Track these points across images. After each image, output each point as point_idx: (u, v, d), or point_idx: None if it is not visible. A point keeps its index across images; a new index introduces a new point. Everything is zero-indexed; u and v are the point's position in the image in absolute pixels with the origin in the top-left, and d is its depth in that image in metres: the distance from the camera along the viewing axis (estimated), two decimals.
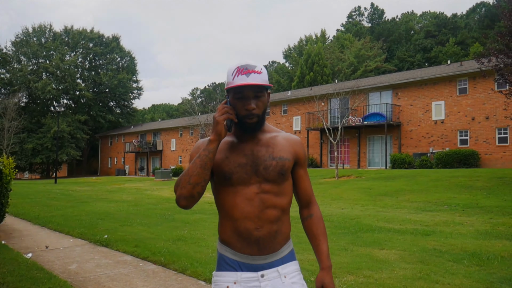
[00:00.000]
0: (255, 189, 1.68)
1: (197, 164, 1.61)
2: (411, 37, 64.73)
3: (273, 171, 1.69)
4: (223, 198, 1.71)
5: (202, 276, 4.91)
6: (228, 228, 1.71)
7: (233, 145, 1.74)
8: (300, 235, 4.40)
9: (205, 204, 14.08)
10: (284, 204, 1.72)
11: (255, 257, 1.69)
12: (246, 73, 1.64)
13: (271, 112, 33.53)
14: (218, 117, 1.64)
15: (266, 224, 1.67)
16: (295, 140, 1.84)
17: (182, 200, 1.61)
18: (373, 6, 72.89)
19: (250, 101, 1.65)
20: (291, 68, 66.04)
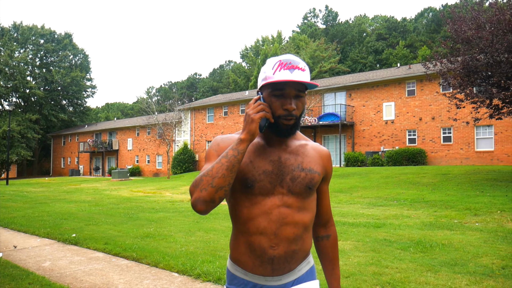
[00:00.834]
0: (276, 201, 1.50)
1: (224, 165, 1.39)
2: (363, 39, 66.90)
3: (301, 184, 1.52)
4: (239, 208, 1.53)
5: (175, 268, 5.27)
6: (242, 244, 1.53)
7: (259, 148, 1.56)
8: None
9: (166, 203, 14.32)
10: (306, 221, 1.56)
11: (268, 278, 1.53)
12: (290, 69, 1.47)
13: (229, 111, 33.94)
14: (254, 114, 1.44)
15: (284, 242, 1.49)
16: (325, 153, 1.68)
17: (200, 204, 1.39)
18: (328, 8, 74.72)
19: (291, 100, 1.48)
20: (248, 67, 66.62)
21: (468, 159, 21.81)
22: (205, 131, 35.48)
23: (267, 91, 1.51)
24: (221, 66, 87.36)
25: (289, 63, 1.47)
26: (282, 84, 1.47)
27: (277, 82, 1.45)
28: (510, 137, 20.60)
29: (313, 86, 1.49)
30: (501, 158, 20.83)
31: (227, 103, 34.19)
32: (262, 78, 1.54)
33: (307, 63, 56.42)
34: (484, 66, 12.98)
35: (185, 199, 15.54)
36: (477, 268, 5.00)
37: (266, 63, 1.53)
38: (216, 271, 4.94)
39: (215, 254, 5.96)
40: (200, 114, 36.16)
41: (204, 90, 77.62)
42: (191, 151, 34.96)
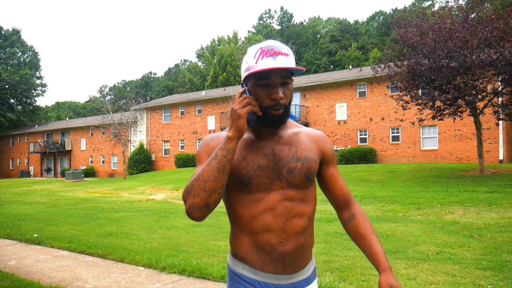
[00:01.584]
0: (277, 196, 1.45)
1: (214, 167, 1.34)
2: (317, 41, 68.50)
3: (299, 175, 1.47)
4: (239, 207, 1.47)
5: (141, 262, 5.57)
6: (246, 243, 1.47)
7: (250, 143, 1.50)
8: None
9: (125, 203, 14.41)
10: (310, 212, 1.52)
11: (280, 276, 1.47)
12: (272, 55, 1.38)
13: (185, 111, 34.00)
14: (240, 109, 1.37)
15: (292, 236, 1.45)
16: (319, 135, 1.61)
17: (195, 211, 1.34)
18: (283, 10, 75.90)
19: (277, 89, 1.40)
20: (204, 67, 66.62)
21: (414, 157, 23.08)
22: (161, 131, 35.35)
23: (251, 82, 1.43)
24: (177, 65, 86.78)
25: (271, 49, 1.39)
26: (266, 73, 1.39)
27: (261, 71, 1.37)
28: (452, 136, 22.01)
29: (299, 71, 1.41)
30: (444, 156, 22.22)
31: (183, 103, 34.23)
32: (244, 68, 1.45)
33: None
34: (427, 71, 13.94)
35: (143, 199, 15.66)
36: (415, 254, 5.62)
37: (247, 52, 1.45)
38: (180, 263, 5.29)
39: (178, 249, 6.30)
40: (156, 114, 35.98)
41: (159, 89, 76.84)
42: (147, 151, 34.76)
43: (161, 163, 34.85)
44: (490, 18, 13.19)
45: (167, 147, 34.93)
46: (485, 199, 10.35)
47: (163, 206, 13.06)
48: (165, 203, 14.22)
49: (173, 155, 33.58)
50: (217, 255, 5.84)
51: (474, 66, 12.92)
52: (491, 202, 9.97)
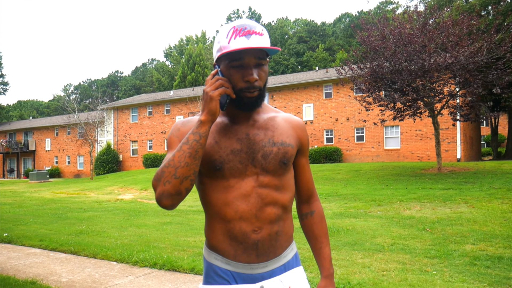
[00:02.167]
0: (251, 182, 1.40)
1: (185, 152, 1.28)
2: (285, 42, 69.31)
3: (274, 160, 1.42)
4: (211, 194, 1.41)
5: (113, 258, 5.80)
6: (219, 231, 1.42)
7: (223, 127, 1.44)
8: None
9: (93, 203, 14.43)
10: (286, 200, 1.46)
11: (253, 265, 1.42)
12: (246, 35, 1.32)
13: (154, 111, 33.89)
14: (212, 91, 1.31)
15: (266, 224, 1.40)
16: (297, 122, 1.56)
17: (165, 199, 1.28)
18: (251, 10, 76.33)
19: (252, 70, 1.34)
20: (172, 67, 66.31)
21: (378, 157, 23.90)
22: (129, 131, 35.11)
23: (224, 63, 1.36)
24: (144, 64, 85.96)
25: (245, 29, 1.32)
26: (240, 53, 1.32)
27: (234, 51, 1.30)
28: (414, 136, 22.94)
29: (275, 51, 1.34)
30: (406, 155, 23.12)
31: (151, 102, 34.12)
32: (216, 49, 1.38)
33: None
34: (389, 73, 14.59)
35: (112, 199, 15.70)
36: (371, 246, 6.08)
37: (219, 31, 1.38)
38: (152, 258, 5.55)
39: (149, 245, 6.55)
40: (124, 114, 35.70)
41: (126, 88, 75.92)
42: (114, 152, 34.45)
43: (129, 163, 34.61)
44: (446, 24, 13.94)
45: (135, 147, 34.72)
46: (440, 195, 11.00)
47: (132, 206, 13.18)
48: (134, 202, 14.33)
49: (141, 155, 33.43)
50: (187, 250, 6.12)
51: (431, 69, 13.63)
52: (446, 198, 10.62)
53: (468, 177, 13.72)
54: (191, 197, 14.63)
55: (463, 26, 13.84)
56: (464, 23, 13.92)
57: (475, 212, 8.80)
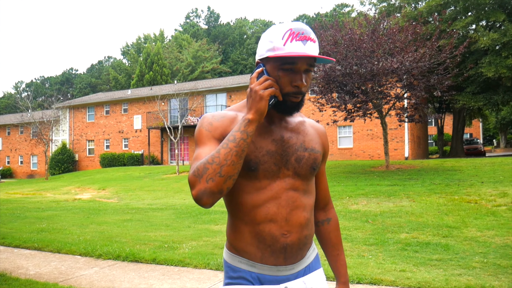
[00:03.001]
0: (283, 184, 1.40)
1: (232, 150, 1.26)
2: (244, 41, 69.87)
3: (306, 165, 1.44)
4: (242, 195, 1.40)
5: (77, 252, 6.12)
6: (247, 234, 1.40)
7: (259, 126, 1.42)
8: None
9: (51, 203, 14.44)
10: (312, 204, 1.48)
11: (280, 267, 1.42)
12: (302, 40, 1.32)
13: (111, 110, 33.59)
14: (262, 91, 1.29)
15: (296, 228, 1.40)
16: (321, 130, 1.59)
17: (206, 197, 1.24)
18: (210, 9, 76.38)
19: (301, 76, 1.34)
20: (129, 65, 65.47)
21: (332, 155, 24.87)
22: (85, 130, 34.61)
23: (273, 64, 1.35)
24: (100, 62, 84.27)
25: (302, 33, 1.32)
26: (294, 58, 1.31)
27: (290, 56, 1.30)
28: (365, 136, 24.06)
29: (329, 61, 1.36)
30: (358, 153, 24.21)
31: (108, 101, 33.80)
32: (267, 48, 1.36)
33: (189, 63, 57.54)
34: (340, 76, 15.39)
35: (70, 199, 15.70)
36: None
37: (273, 30, 1.37)
38: (115, 251, 5.92)
39: (112, 240, 6.89)
40: (80, 113, 35.15)
41: (81, 86, 74.21)
42: (70, 151, 33.88)
43: (85, 163, 34.14)
44: (392, 31, 14.89)
45: (91, 147, 34.28)
46: (386, 191, 11.85)
47: (91, 205, 13.31)
48: (93, 201, 14.44)
49: (98, 155, 33.06)
50: (148, 244, 6.52)
51: (379, 73, 14.52)
52: (391, 193, 11.46)
53: (413, 174, 14.74)
54: (150, 196, 14.91)
55: (408, 33, 14.83)
56: (409, 31, 14.92)
57: (414, 205, 9.64)
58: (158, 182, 18.72)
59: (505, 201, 9.35)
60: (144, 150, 31.20)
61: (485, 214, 8.08)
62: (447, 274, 4.40)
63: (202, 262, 5.19)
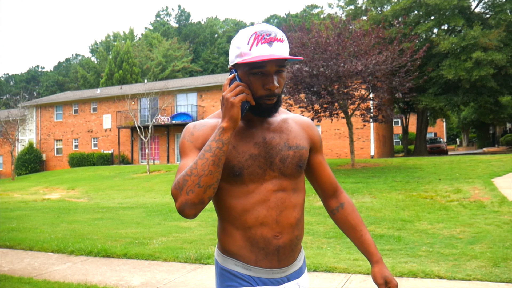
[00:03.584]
0: (270, 186, 1.42)
1: (209, 160, 1.28)
2: (215, 41, 69.94)
3: (291, 164, 1.44)
4: (229, 199, 1.42)
5: (49, 249, 6.31)
6: (238, 237, 1.42)
7: (239, 131, 1.44)
8: None
9: (19, 203, 14.37)
10: (302, 202, 1.50)
11: (275, 270, 1.44)
12: (268, 42, 1.32)
13: (80, 109, 33.22)
14: (233, 98, 1.31)
15: (287, 229, 1.42)
16: (307, 122, 1.59)
17: (188, 209, 1.28)
18: (180, 8, 76.21)
19: (272, 78, 1.35)
20: (98, 63, 64.56)
21: None
22: (53, 130, 34.11)
23: (243, 69, 1.36)
24: (68, 59, 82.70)
25: (267, 35, 1.32)
26: (262, 61, 1.32)
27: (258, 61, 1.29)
28: (332, 135, 24.72)
29: (297, 60, 1.39)
30: (326, 152, 24.84)
31: (77, 100, 33.42)
32: (235, 54, 1.38)
33: (160, 62, 57.23)
34: (308, 78, 15.87)
35: (38, 199, 15.63)
36: None
37: (238, 35, 1.37)
38: (87, 247, 6.15)
39: (83, 237, 7.09)
40: (48, 112, 34.59)
41: (48, 84, 72.65)
42: (37, 151, 33.32)
43: (53, 162, 33.65)
44: (357, 35, 15.48)
45: (59, 146, 33.82)
46: (350, 188, 12.38)
47: (61, 204, 13.34)
48: (63, 201, 14.45)
49: (67, 155, 32.65)
50: (119, 240, 6.77)
51: (345, 75, 15.08)
52: (354, 190, 11.99)
53: (376, 172, 15.37)
54: (121, 195, 15.03)
55: (371, 37, 15.45)
56: (372, 35, 15.54)
57: (375, 201, 10.19)
58: (128, 181, 18.80)
59: (458, 196, 10.01)
60: (114, 150, 31.03)
61: (438, 209, 8.67)
62: (395, 261, 4.86)
63: (172, 256, 5.50)
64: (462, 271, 4.37)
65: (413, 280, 4.21)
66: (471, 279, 4.12)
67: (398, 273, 4.35)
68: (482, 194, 10.17)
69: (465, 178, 12.66)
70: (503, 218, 7.32)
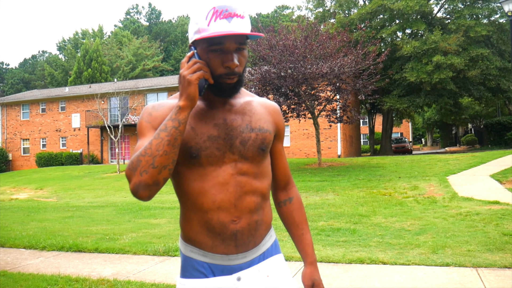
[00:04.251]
0: (229, 169, 1.37)
1: (164, 140, 1.22)
2: (186, 40, 69.73)
3: (253, 146, 1.39)
4: (187, 183, 1.37)
5: (21, 245, 6.52)
6: (195, 222, 1.38)
7: (198, 112, 1.39)
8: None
9: None
10: (265, 188, 1.44)
11: (231, 256, 1.40)
12: (227, 17, 1.27)
13: (47, 108, 32.77)
14: (190, 75, 1.25)
15: (245, 214, 1.38)
16: (273, 107, 1.53)
17: (142, 190, 1.23)
18: (151, 6, 75.53)
19: (232, 55, 1.30)
20: (66, 60, 63.44)
21: None
22: (19, 129, 33.52)
23: (201, 46, 1.31)
24: (34, 56, 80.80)
25: (226, 10, 1.27)
26: (220, 38, 1.27)
27: (215, 36, 1.25)
28: (301, 135, 25.34)
29: (257, 37, 1.34)
30: (295, 152, 25.45)
31: (45, 99, 32.96)
32: (194, 30, 1.32)
33: (130, 60, 56.72)
34: (275, 79, 16.35)
35: (6, 199, 15.55)
36: None
37: (197, 10, 1.31)
38: (58, 243, 6.39)
39: (55, 234, 7.31)
40: (14, 111, 33.97)
41: (13, 82, 70.90)
42: (3, 150, 32.68)
43: (20, 162, 33.08)
44: (322, 39, 16.06)
45: (26, 146, 33.28)
46: (315, 186, 12.91)
47: (30, 204, 13.38)
48: (31, 201, 14.46)
49: (34, 154, 32.17)
50: (90, 236, 7.03)
51: (311, 77, 15.62)
52: (319, 188, 12.53)
53: (341, 170, 15.99)
54: (91, 194, 15.13)
55: (335, 41, 16.06)
56: (337, 39, 16.15)
57: (337, 198, 10.72)
58: (98, 181, 18.85)
59: (414, 193, 10.67)
60: (83, 149, 30.79)
61: (394, 205, 9.27)
62: (346, 251, 5.34)
63: (141, 249, 5.83)
64: (404, 257, 4.88)
65: (360, 265, 4.69)
66: (410, 264, 4.63)
67: (347, 260, 4.83)
68: (437, 190, 10.86)
69: (423, 176, 13.39)
70: (450, 212, 7.95)
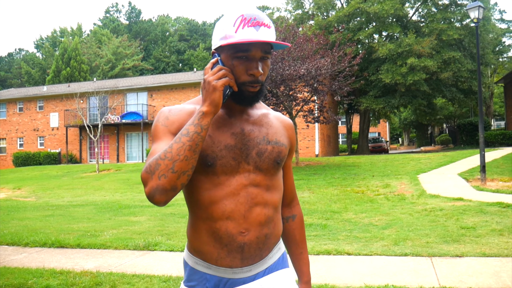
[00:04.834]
0: (243, 180, 1.35)
1: (185, 145, 1.20)
2: (166, 39, 69.65)
3: (268, 158, 1.38)
4: (199, 191, 1.34)
5: (4, 242, 6.70)
6: (203, 232, 1.35)
7: (218, 119, 1.37)
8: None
9: None
10: (276, 201, 1.42)
11: (236, 269, 1.37)
12: (255, 26, 1.27)
13: (25, 107, 32.46)
14: (216, 81, 1.24)
15: (254, 226, 1.34)
16: (288, 123, 1.53)
17: (159, 194, 1.20)
18: (131, 5, 75.07)
19: (257, 64, 1.29)
20: (44, 59, 62.63)
21: None
22: None
23: (227, 53, 1.31)
24: (10, 54, 79.38)
25: (254, 19, 1.28)
26: (248, 45, 1.28)
27: (243, 43, 1.26)
28: None
29: (283, 47, 1.32)
30: None
31: (22, 98, 32.64)
32: (220, 36, 1.33)
33: (109, 59, 56.38)
34: None
35: None
36: None
37: (225, 17, 1.32)
38: (41, 239, 6.60)
39: (37, 231, 7.51)
40: None
41: None
42: None
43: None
44: (300, 41, 16.48)
45: (3, 145, 32.90)
46: None
47: (9, 204, 13.42)
48: (10, 201, 14.48)
49: (11, 154, 31.84)
50: (72, 233, 7.25)
51: (289, 78, 16.02)
52: (296, 187, 12.80)
53: (318, 169, 16.44)
54: (70, 193, 15.23)
55: (312, 44, 16.50)
56: (313, 41, 16.59)
57: (313, 196, 11.13)
58: (77, 180, 18.90)
59: (385, 191, 11.15)
60: (62, 149, 30.62)
61: (365, 201, 9.72)
62: (316, 244, 5.71)
63: (122, 245, 6.10)
64: (367, 249, 5.28)
65: (327, 256, 5.08)
66: (373, 254, 5.03)
67: (315, 252, 5.21)
68: (407, 188, 11.37)
69: (395, 175, 13.93)
70: (417, 208, 8.42)
